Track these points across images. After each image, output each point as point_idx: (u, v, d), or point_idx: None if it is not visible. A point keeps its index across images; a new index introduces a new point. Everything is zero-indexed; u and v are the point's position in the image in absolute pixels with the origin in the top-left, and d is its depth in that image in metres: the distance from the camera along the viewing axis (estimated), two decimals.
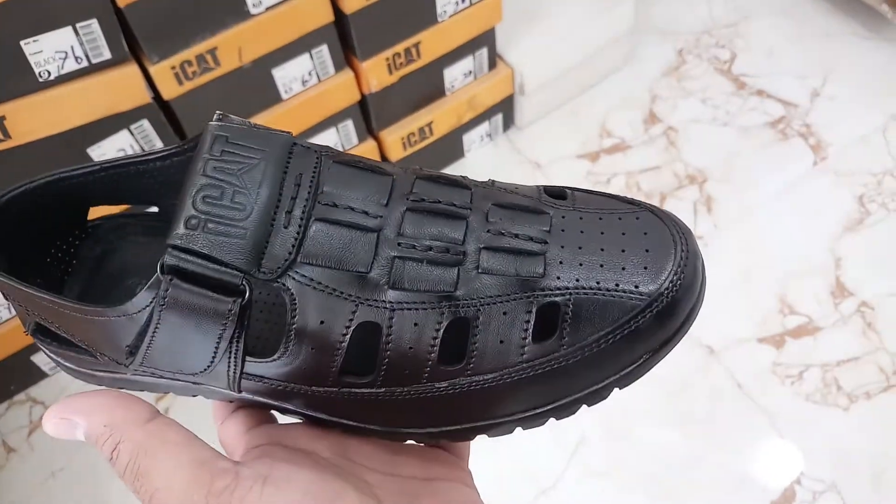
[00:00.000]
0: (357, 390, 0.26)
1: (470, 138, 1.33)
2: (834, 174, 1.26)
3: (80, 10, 0.80)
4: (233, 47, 0.94)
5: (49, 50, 0.81)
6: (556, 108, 1.40)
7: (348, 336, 0.25)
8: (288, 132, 0.27)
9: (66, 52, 0.83)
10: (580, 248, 0.26)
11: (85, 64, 0.84)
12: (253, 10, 0.92)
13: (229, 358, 0.25)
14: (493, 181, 0.29)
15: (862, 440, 1.01)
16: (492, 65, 1.24)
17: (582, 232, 0.26)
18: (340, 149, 1.17)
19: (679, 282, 0.25)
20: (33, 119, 0.85)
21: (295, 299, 0.25)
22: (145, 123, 0.94)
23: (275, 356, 0.25)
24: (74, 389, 1.19)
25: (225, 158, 0.25)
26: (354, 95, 1.11)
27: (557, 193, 0.29)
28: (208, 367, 0.26)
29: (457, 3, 1.08)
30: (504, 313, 0.25)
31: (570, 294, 0.25)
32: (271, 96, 1.04)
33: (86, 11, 0.81)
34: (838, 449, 1.01)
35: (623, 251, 0.26)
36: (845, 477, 0.98)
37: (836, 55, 1.42)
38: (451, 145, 1.31)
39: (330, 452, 0.27)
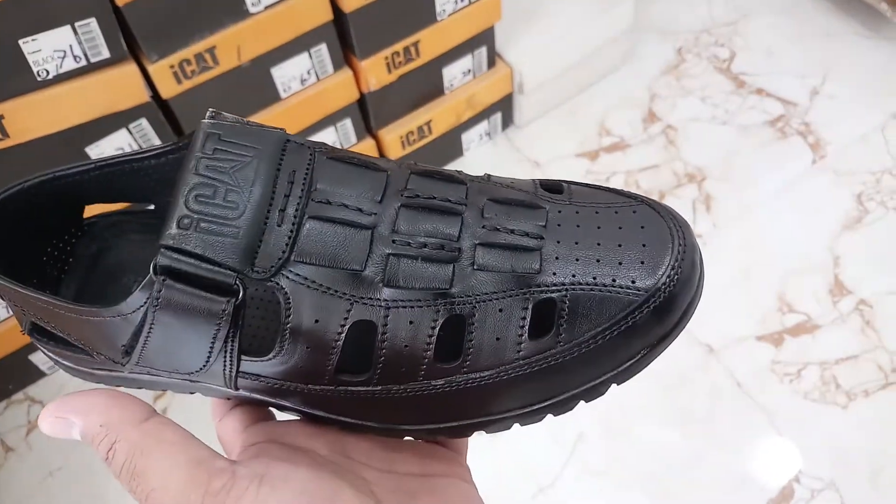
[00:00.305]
0: (353, 388, 0.26)
1: (469, 137, 1.33)
2: (833, 173, 1.26)
3: (78, 8, 0.80)
4: (231, 46, 0.94)
5: (48, 49, 0.81)
6: (555, 107, 1.40)
7: (343, 335, 0.25)
8: (281, 129, 0.27)
9: (65, 51, 0.82)
10: (576, 243, 0.26)
11: (83, 63, 0.84)
12: (252, 9, 0.92)
13: (224, 357, 0.25)
14: (489, 176, 0.29)
15: (860, 438, 1.01)
16: (491, 63, 1.24)
17: (578, 226, 0.26)
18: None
19: (676, 277, 0.25)
20: (32, 118, 0.85)
21: (289, 298, 0.25)
22: (144, 122, 0.94)
23: (270, 355, 0.25)
24: (73, 388, 1.18)
25: (217, 157, 0.25)
26: (353, 94, 1.10)
27: (553, 187, 0.29)
28: (204, 366, 0.26)
29: (456, 1, 1.08)
30: (500, 310, 0.25)
31: (567, 290, 0.25)
32: (270, 95, 1.04)
33: (84, 10, 0.80)
34: (837, 447, 1.01)
35: (620, 246, 0.26)
36: (844, 475, 0.98)
37: (835, 54, 1.42)
38: (450, 144, 1.31)
39: (327, 450, 0.27)
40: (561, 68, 1.33)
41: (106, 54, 0.85)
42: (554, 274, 0.25)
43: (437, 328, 0.25)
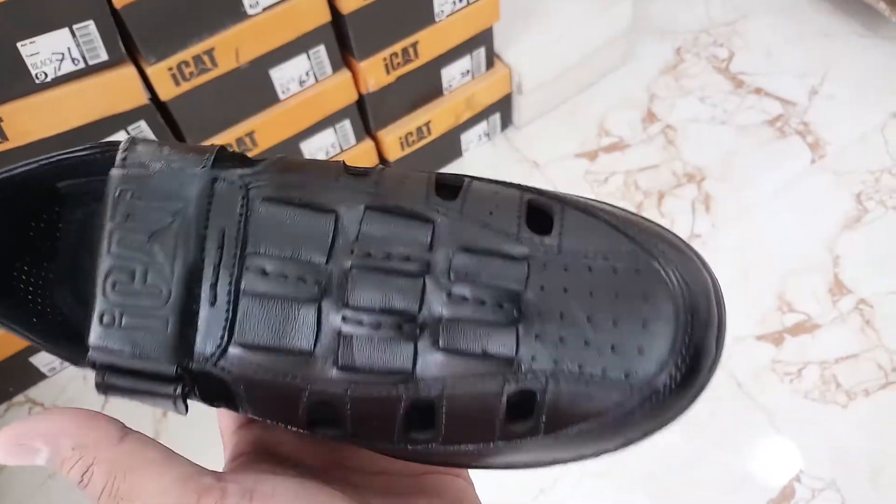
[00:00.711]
0: (331, 436, 0.24)
1: (468, 138, 1.33)
2: (832, 172, 1.26)
3: (76, 11, 0.80)
4: (230, 48, 0.94)
5: (46, 51, 0.81)
6: (554, 108, 1.40)
7: (304, 414, 0.23)
8: (208, 156, 0.23)
9: (63, 54, 0.82)
10: (561, 315, 0.22)
11: (82, 65, 0.84)
12: (250, 11, 0.92)
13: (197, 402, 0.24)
14: (471, 181, 0.25)
15: (861, 437, 1.01)
16: (489, 64, 1.24)
17: (566, 291, 0.22)
18: (338, 150, 1.17)
19: (679, 374, 0.22)
20: (30, 121, 0.85)
21: (238, 382, 0.23)
22: (142, 125, 0.94)
23: (240, 411, 0.24)
24: (73, 390, 1.18)
25: (130, 225, 0.22)
26: (352, 95, 1.10)
27: (543, 217, 0.24)
28: (184, 412, 0.25)
29: (454, 2, 1.08)
30: (471, 397, 0.22)
31: (548, 379, 0.21)
32: (268, 97, 1.04)
33: (82, 13, 0.80)
34: (837, 446, 1.01)
35: (614, 323, 0.21)
36: (844, 474, 0.98)
37: (834, 53, 1.42)
38: (449, 145, 1.31)
39: (318, 458, 0.27)
40: (560, 69, 1.33)
41: (104, 57, 0.85)
42: (533, 358, 0.21)
43: (402, 410, 0.22)
